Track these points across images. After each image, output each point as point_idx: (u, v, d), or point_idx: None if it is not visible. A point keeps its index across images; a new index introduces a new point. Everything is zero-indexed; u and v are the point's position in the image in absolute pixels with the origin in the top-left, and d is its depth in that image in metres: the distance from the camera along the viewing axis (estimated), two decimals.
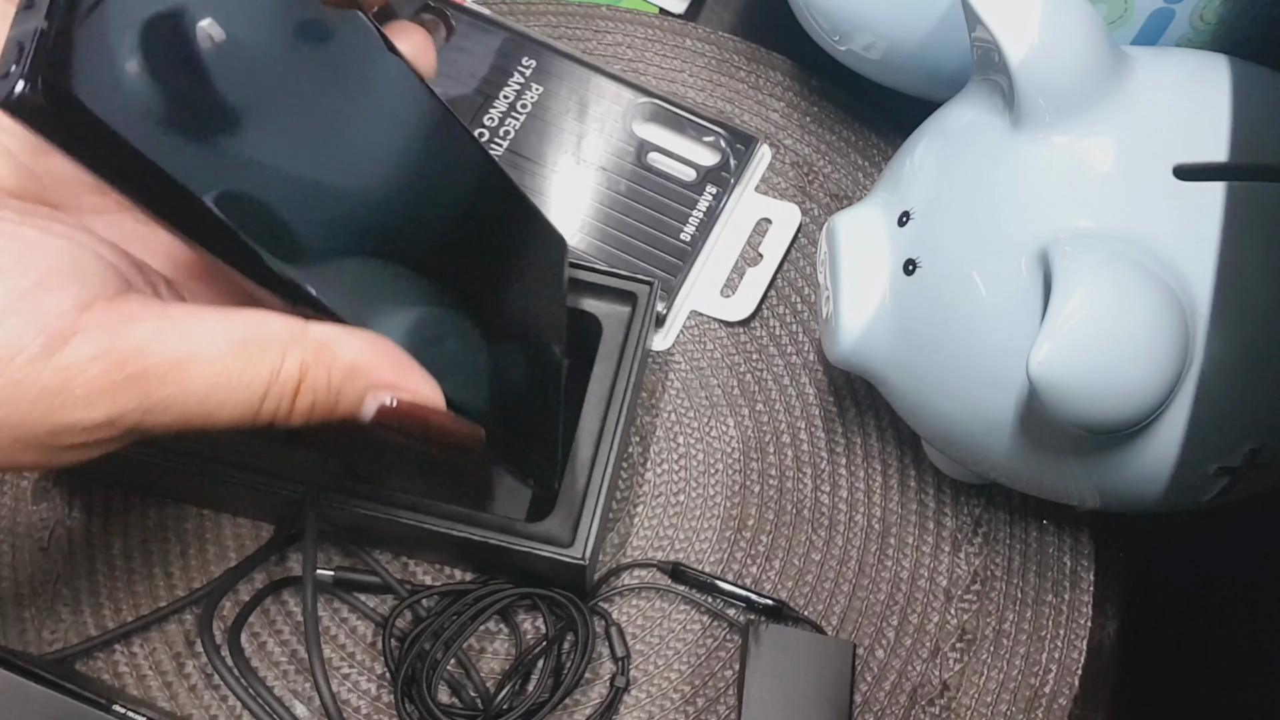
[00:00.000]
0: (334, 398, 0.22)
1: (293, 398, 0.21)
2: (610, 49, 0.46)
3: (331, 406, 0.22)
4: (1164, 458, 0.29)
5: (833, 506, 0.39)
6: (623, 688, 0.35)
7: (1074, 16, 0.29)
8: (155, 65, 0.19)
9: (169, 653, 0.35)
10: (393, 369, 0.22)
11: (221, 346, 0.20)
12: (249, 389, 0.20)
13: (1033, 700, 0.36)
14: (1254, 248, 0.28)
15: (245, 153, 0.21)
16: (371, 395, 0.22)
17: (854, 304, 0.32)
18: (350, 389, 0.22)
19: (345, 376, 0.22)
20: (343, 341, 0.22)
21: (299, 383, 0.21)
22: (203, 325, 0.20)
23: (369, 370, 0.22)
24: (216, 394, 0.20)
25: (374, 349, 0.22)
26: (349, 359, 0.22)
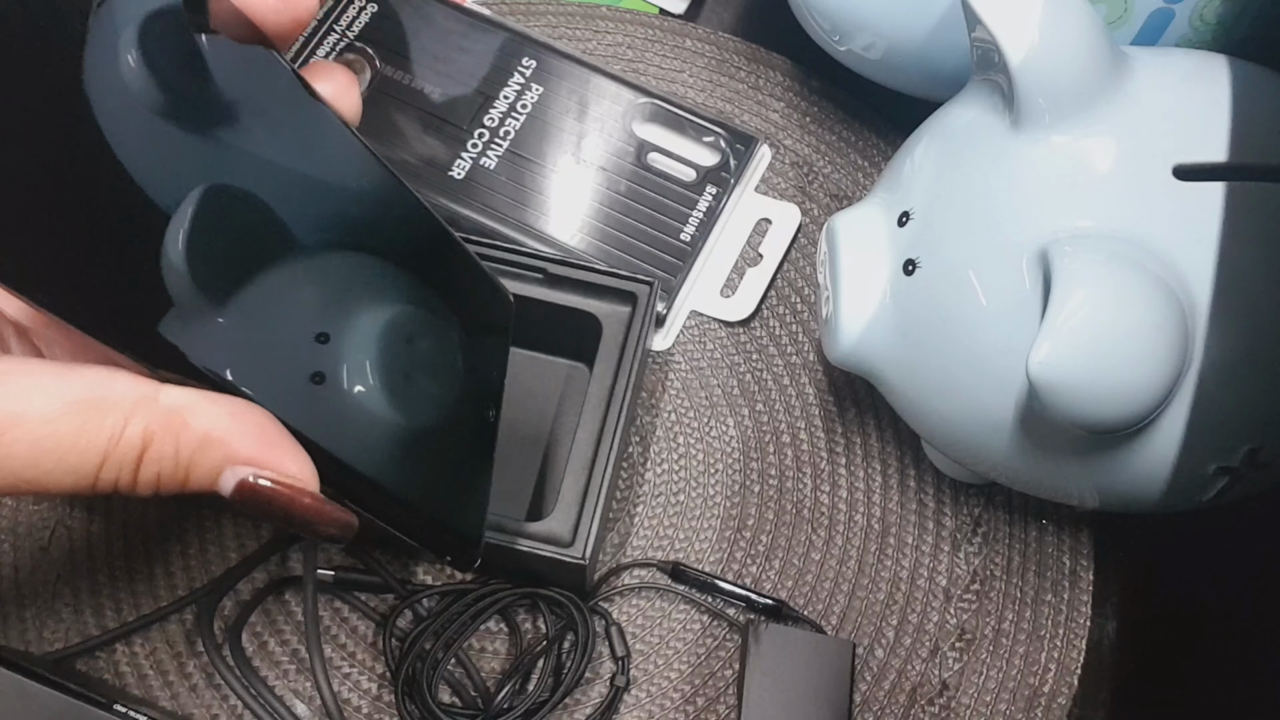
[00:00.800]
0: (184, 470, 0.20)
1: (135, 467, 0.19)
2: (610, 49, 0.46)
3: (182, 479, 0.20)
4: (1163, 457, 0.29)
5: (832, 506, 0.39)
6: (623, 687, 0.35)
7: (1074, 17, 0.29)
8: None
9: (170, 652, 0.35)
10: (256, 443, 0.20)
11: (53, 408, 0.18)
12: (82, 456, 0.18)
13: (1032, 699, 0.36)
14: (1253, 248, 0.28)
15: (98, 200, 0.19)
16: (229, 470, 0.20)
17: (854, 304, 0.32)
18: (203, 461, 0.20)
19: (197, 448, 0.19)
20: (199, 409, 0.20)
21: (142, 451, 0.19)
22: (33, 383, 0.18)
23: (226, 442, 0.20)
24: (44, 460, 0.18)
25: (235, 420, 0.20)
26: (203, 429, 0.19)
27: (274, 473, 0.20)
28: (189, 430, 0.19)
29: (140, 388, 0.19)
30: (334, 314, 0.24)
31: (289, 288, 0.23)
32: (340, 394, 0.24)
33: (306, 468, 0.21)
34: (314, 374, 0.23)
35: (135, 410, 0.19)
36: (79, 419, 0.18)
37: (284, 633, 0.36)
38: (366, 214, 0.25)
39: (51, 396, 0.18)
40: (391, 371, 0.25)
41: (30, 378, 0.19)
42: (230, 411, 0.20)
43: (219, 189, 0.21)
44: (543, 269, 0.37)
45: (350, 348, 0.24)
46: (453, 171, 0.42)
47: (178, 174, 0.21)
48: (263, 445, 0.20)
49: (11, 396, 0.18)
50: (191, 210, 0.21)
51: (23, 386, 0.18)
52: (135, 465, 0.19)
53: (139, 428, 0.19)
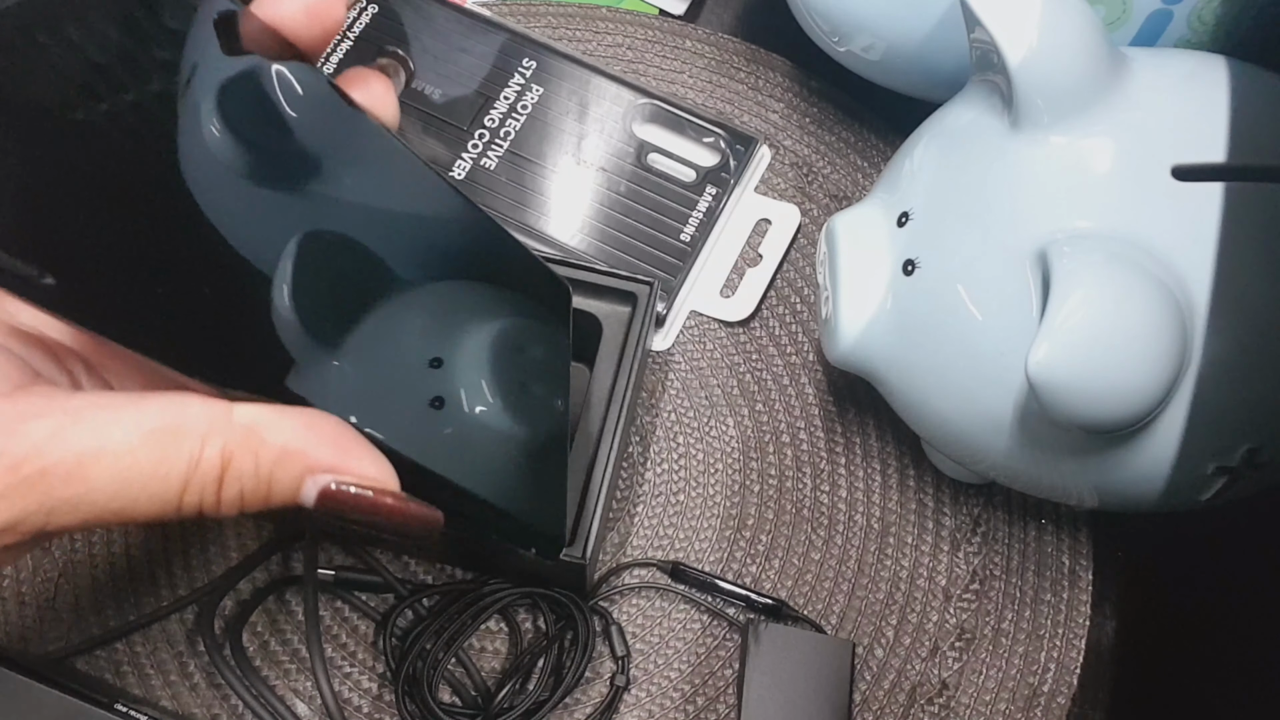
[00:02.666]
0: (265, 485, 0.20)
1: (217, 488, 0.19)
2: (610, 50, 0.47)
3: (264, 494, 0.20)
4: (1162, 457, 0.29)
5: (832, 506, 0.39)
6: (623, 686, 0.35)
7: (1073, 18, 0.29)
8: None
9: (170, 651, 0.35)
10: (333, 450, 0.20)
11: (131, 438, 0.18)
12: (165, 482, 0.19)
13: (1031, 699, 0.36)
14: (1252, 248, 0.28)
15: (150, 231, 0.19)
16: (310, 480, 0.20)
17: (853, 304, 0.33)
18: (284, 474, 0.20)
19: (276, 461, 0.20)
20: (273, 424, 0.20)
21: (223, 471, 0.19)
22: (110, 416, 0.19)
23: (304, 453, 0.20)
24: (128, 490, 0.18)
25: (310, 430, 0.20)
26: (280, 442, 0.20)
27: (354, 476, 0.20)
28: (266, 445, 0.20)
29: (213, 409, 0.19)
30: (438, 337, 0.24)
31: (389, 319, 0.23)
32: (459, 415, 0.24)
33: (385, 469, 0.21)
34: (433, 399, 0.24)
35: (211, 432, 0.19)
36: (157, 447, 0.19)
37: (285, 632, 0.36)
38: (425, 223, 0.25)
39: (128, 427, 0.19)
40: (504, 385, 0.26)
41: (105, 411, 0.19)
42: (304, 422, 0.20)
43: (308, 237, 0.22)
44: None
45: (425, 353, 0.25)
46: (453, 172, 0.42)
47: (268, 227, 0.21)
48: (340, 452, 0.20)
49: (89, 432, 0.18)
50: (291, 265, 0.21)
51: (99, 420, 0.19)
52: (217, 486, 0.19)
53: (217, 448, 0.19)
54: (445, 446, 0.24)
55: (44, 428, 0.18)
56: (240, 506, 0.20)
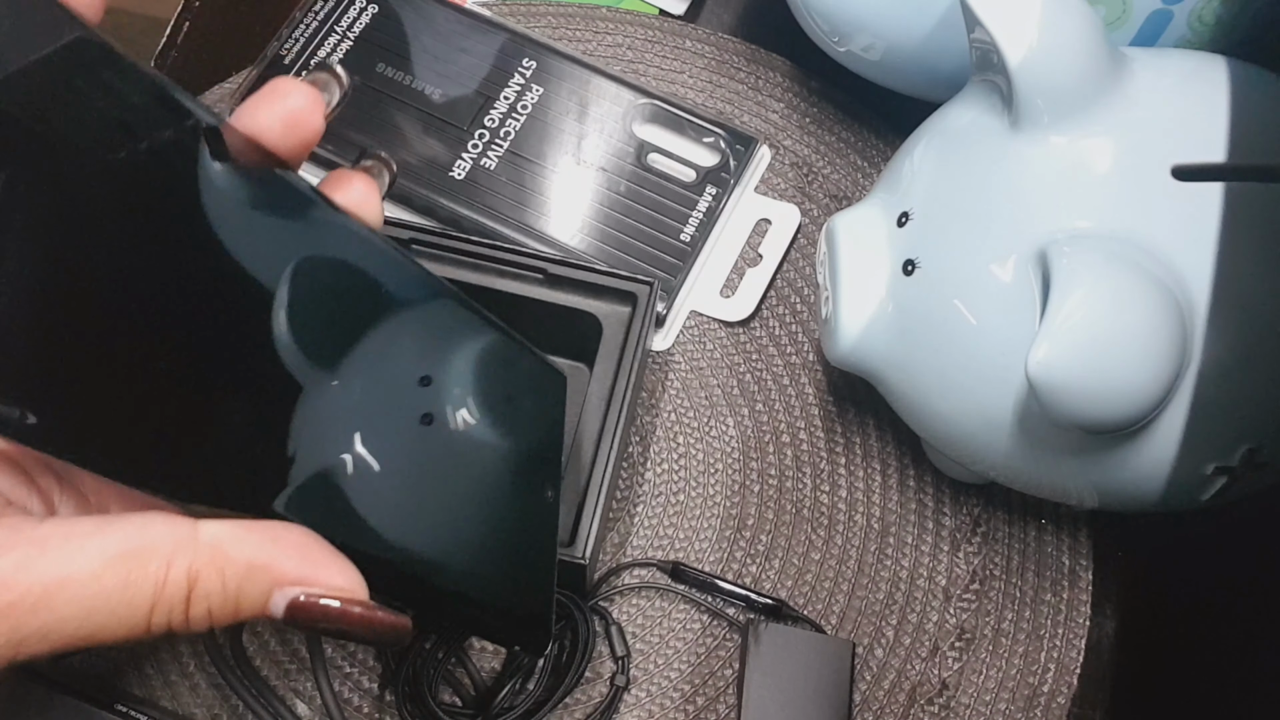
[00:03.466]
0: (233, 602, 0.20)
1: (185, 607, 0.19)
2: (610, 50, 0.47)
3: (232, 610, 0.20)
4: (1162, 457, 0.29)
5: (832, 506, 0.39)
6: (623, 687, 0.35)
7: (1072, 18, 0.29)
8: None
9: (171, 651, 0.35)
10: (299, 561, 0.20)
11: (95, 565, 0.19)
12: (131, 606, 0.19)
13: (1031, 699, 0.36)
14: (1252, 248, 0.28)
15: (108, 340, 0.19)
16: (278, 593, 0.20)
17: (853, 304, 0.33)
18: (251, 589, 0.20)
19: (243, 577, 0.20)
20: (238, 539, 0.20)
21: (189, 591, 0.19)
22: (75, 545, 0.19)
23: (270, 566, 0.20)
24: (96, 616, 0.19)
25: (276, 543, 0.20)
26: (245, 558, 0.20)
27: (322, 588, 0.20)
28: (232, 562, 0.20)
29: (178, 529, 0.19)
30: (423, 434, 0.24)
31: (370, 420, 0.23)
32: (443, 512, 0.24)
33: (353, 578, 0.21)
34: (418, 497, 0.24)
35: (176, 552, 0.19)
36: (123, 571, 0.19)
37: (285, 632, 0.36)
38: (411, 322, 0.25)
39: (92, 554, 0.19)
40: (492, 478, 0.26)
41: (70, 540, 0.19)
42: (270, 536, 0.20)
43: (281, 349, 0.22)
44: (543, 269, 0.37)
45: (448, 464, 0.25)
46: (453, 172, 0.42)
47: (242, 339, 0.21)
48: (307, 563, 0.20)
49: (55, 562, 0.18)
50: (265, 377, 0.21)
51: (63, 550, 0.19)
52: (185, 605, 0.19)
53: (182, 569, 0.19)
54: (428, 546, 0.24)
55: (10, 561, 0.18)
56: (209, 623, 0.20)
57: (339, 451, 0.22)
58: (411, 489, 0.24)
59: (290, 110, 0.23)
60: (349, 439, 0.23)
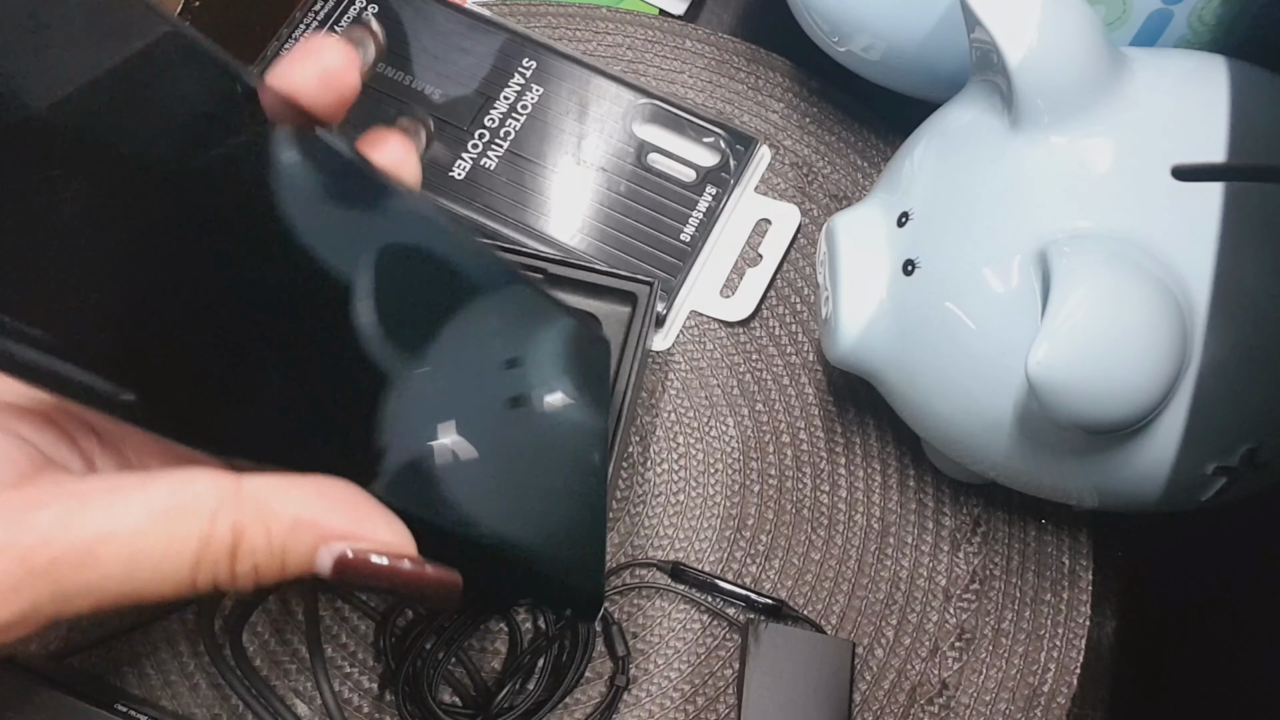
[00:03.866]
0: (279, 557, 0.19)
1: (231, 564, 0.19)
2: (610, 50, 0.47)
3: (279, 567, 0.20)
4: (1162, 457, 0.29)
5: (832, 506, 0.39)
6: (623, 686, 0.35)
7: (1072, 18, 0.29)
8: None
9: (171, 651, 0.35)
10: (346, 517, 0.20)
11: (139, 520, 0.18)
12: (176, 562, 0.19)
13: (1031, 699, 0.36)
14: (1252, 248, 0.28)
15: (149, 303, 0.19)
16: (324, 549, 0.20)
17: (853, 304, 0.33)
18: (297, 545, 0.19)
19: (289, 532, 0.19)
20: (284, 494, 0.20)
21: (235, 547, 0.19)
22: (117, 499, 0.19)
23: (316, 522, 0.20)
24: (140, 572, 0.18)
25: (322, 498, 0.20)
26: (292, 513, 0.19)
27: (369, 543, 0.20)
28: (277, 517, 0.19)
29: (222, 484, 0.19)
30: (466, 398, 0.24)
31: (413, 381, 0.23)
32: (490, 473, 0.24)
33: (401, 534, 0.20)
34: (464, 460, 0.23)
35: (220, 508, 0.19)
36: (167, 527, 0.18)
37: (285, 632, 0.36)
38: (452, 284, 0.25)
39: (136, 510, 0.18)
40: (538, 442, 0.25)
41: (112, 494, 0.19)
42: (316, 490, 0.20)
43: (323, 305, 0.22)
44: (543, 269, 0.37)
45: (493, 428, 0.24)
46: (453, 172, 0.42)
47: (284, 295, 0.21)
48: (354, 518, 0.20)
49: (98, 517, 0.18)
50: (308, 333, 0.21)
51: (106, 504, 0.18)
52: (231, 562, 0.19)
53: (227, 524, 0.19)
54: (477, 507, 0.23)
55: (51, 516, 0.18)
56: (255, 579, 0.20)
57: (393, 417, 0.22)
58: (466, 455, 0.24)
59: (326, 68, 0.22)
60: (404, 405, 0.23)
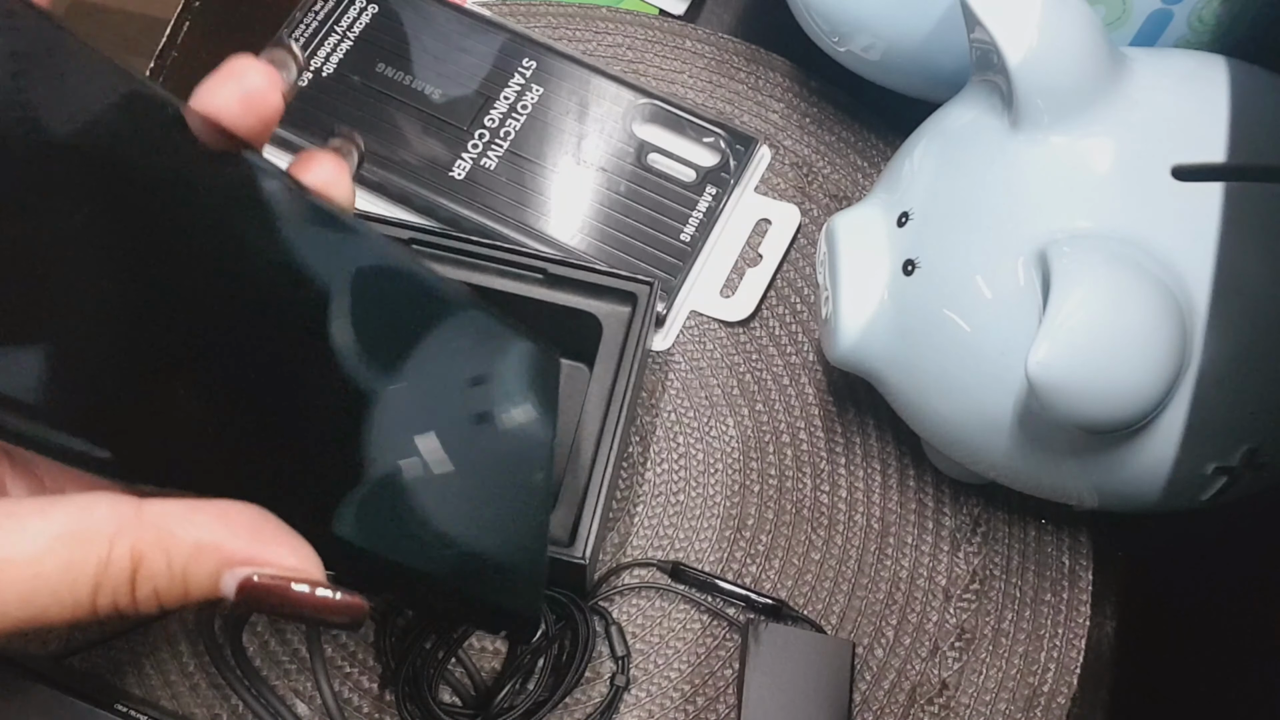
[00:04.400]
0: (180, 582, 0.19)
1: (130, 588, 0.19)
2: (610, 50, 0.47)
3: (180, 591, 0.19)
4: (1162, 457, 0.29)
5: (832, 506, 0.39)
6: (623, 687, 0.35)
7: (1072, 18, 0.29)
8: None
9: (171, 651, 0.35)
10: (250, 541, 0.20)
11: (38, 546, 0.18)
12: (74, 587, 0.18)
13: (1031, 699, 0.36)
14: (1252, 248, 0.28)
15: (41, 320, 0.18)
16: (228, 573, 0.19)
17: (853, 304, 0.33)
18: (198, 570, 0.19)
19: (190, 557, 0.19)
20: (185, 519, 0.19)
21: (134, 571, 0.19)
22: (14, 525, 0.18)
23: (219, 546, 0.19)
24: (38, 597, 0.18)
25: (226, 522, 0.20)
26: (193, 538, 0.19)
27: (274, 568, 0.20)
28: (178, 541, 0.19)
29: (121, 509, 0.19)
30: (395, 410, 0.24)
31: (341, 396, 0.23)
32: (420, 489, 0.23)
33: (307, 557, 0.20)
34: (391, 474, 0.23)
35: (119, 533, 0.19)
36: (64, 553, 0.18)
37: (285, 632, 0.36)
38: (386, 300, 0.25)
39: (34, 536, 0.18)
40: (475, 456, 0.25)
41: (11, 520, 0.19)
42: (219, 514, 0.20)
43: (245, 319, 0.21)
44: (543, 269, 0.37)
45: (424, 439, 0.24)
46: (453, 172, 0.42)
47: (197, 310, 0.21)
48: (258, 542, 0.20)
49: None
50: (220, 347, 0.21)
51: (5, 530, 0.18)
52: (130, 586, 0.19)
53: (125, 549, 0.19)
54: (413, 530, 0.23)
55: None
56: (158, 603, 0.19)
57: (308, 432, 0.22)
58: (390, 471, 0.23)
59: (248, 89, 0.22)
60: (333, 425, 0.22)
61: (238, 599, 0.20)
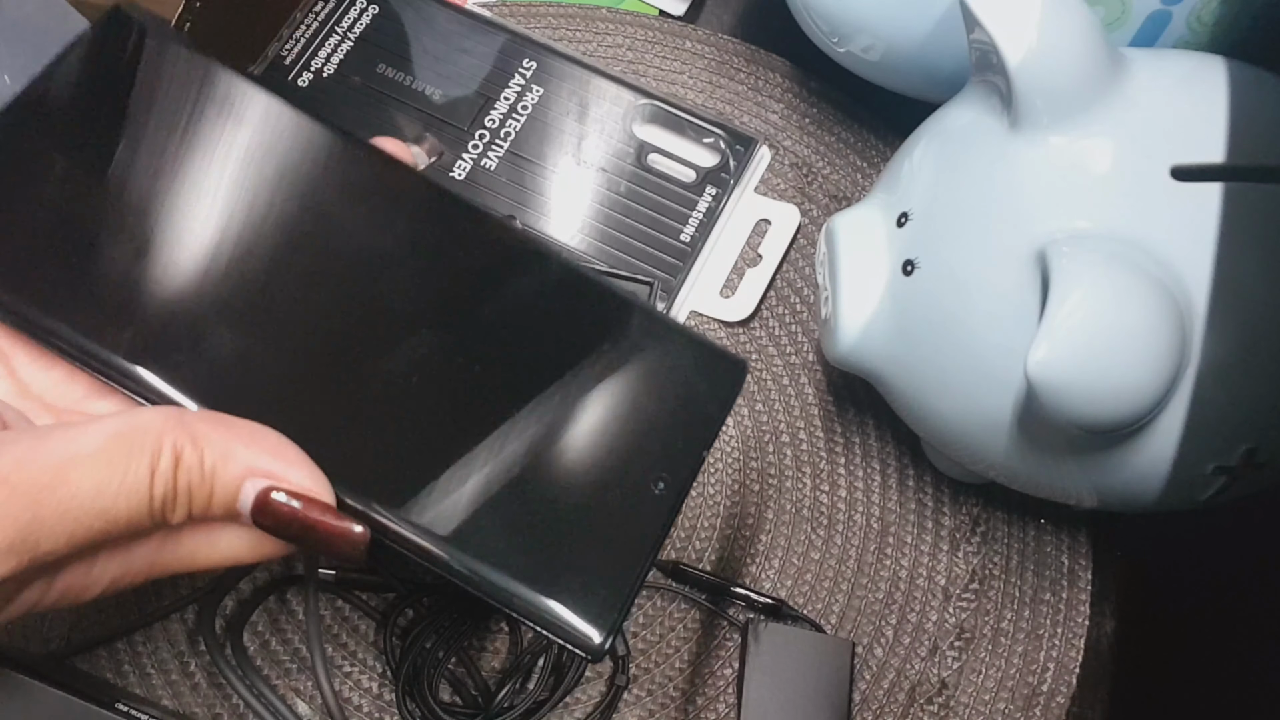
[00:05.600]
0: (209, 481, 0.21)
1: (173, 480, 0.21)
2: (610, 51, 0.47)
3: (207, 491, 0.21)
4: (1161, 457, 0.29)
5: (832, 506, 0.39)
6: (622, 686, 0.35)
7: (1072, 18, 0.29)
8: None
9: (171, 650, 0.35)
10: (273, 459, 0.22)
11: (99, 442, 0.20)
12: (137, 476, 0.20)
13: (1030, 698, 0.36)
14: (1251, 248, 0.28)
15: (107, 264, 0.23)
16: (249, 482, 0.21)
17: (853, 304, 0.33)
18: (225, 473, 0.21)
19: (219, 459, 0.21)
20: (220, 425, 0.22)
21: (175, 465, 0.21)
22: (76, 432, 0.21)
23: (245, 455, 0.21)
24: (107, 489, 0.20)
25: (253, 437, 0.22)
26: (224, 443, 0.21)
27: (289, 484, 0.21)
28: (212, 443, 0.21)
29: (165, 412, 0.21)
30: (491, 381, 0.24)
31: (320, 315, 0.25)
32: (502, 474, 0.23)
33: (322, 482, 0.22)
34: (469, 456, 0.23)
35: (166, 429, 0.21)
36: (124, 446, 0.20)
37: (285, 631, 0.36)
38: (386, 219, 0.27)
39: (95, 435, 0.20)
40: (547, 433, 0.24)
41: (70, 429, 0.21)
42: (248, 430, 0.22)
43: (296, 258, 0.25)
44: None
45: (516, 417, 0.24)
46: (453, 172, 0.42)
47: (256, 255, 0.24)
48: (280, 460, 0.22)
49: (62, 444, 0.20)
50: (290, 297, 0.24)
51: (67, 437, 0.20)
52: (173, 479, 0.21)
53: (170, 443, 0.21)
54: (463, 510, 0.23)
55: (21, 447, 0.20)
56: (190, 504, 0.21)
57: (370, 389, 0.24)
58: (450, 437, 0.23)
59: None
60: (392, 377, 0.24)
61: (254, 510, 0.21)
